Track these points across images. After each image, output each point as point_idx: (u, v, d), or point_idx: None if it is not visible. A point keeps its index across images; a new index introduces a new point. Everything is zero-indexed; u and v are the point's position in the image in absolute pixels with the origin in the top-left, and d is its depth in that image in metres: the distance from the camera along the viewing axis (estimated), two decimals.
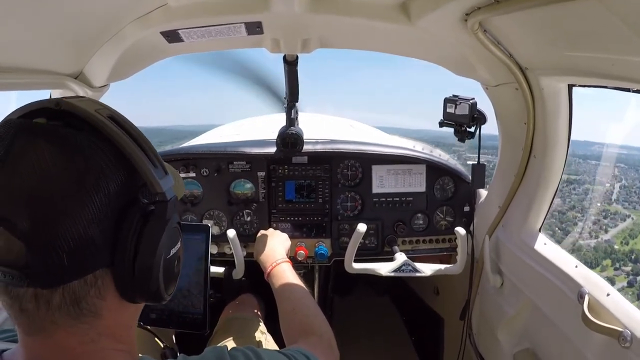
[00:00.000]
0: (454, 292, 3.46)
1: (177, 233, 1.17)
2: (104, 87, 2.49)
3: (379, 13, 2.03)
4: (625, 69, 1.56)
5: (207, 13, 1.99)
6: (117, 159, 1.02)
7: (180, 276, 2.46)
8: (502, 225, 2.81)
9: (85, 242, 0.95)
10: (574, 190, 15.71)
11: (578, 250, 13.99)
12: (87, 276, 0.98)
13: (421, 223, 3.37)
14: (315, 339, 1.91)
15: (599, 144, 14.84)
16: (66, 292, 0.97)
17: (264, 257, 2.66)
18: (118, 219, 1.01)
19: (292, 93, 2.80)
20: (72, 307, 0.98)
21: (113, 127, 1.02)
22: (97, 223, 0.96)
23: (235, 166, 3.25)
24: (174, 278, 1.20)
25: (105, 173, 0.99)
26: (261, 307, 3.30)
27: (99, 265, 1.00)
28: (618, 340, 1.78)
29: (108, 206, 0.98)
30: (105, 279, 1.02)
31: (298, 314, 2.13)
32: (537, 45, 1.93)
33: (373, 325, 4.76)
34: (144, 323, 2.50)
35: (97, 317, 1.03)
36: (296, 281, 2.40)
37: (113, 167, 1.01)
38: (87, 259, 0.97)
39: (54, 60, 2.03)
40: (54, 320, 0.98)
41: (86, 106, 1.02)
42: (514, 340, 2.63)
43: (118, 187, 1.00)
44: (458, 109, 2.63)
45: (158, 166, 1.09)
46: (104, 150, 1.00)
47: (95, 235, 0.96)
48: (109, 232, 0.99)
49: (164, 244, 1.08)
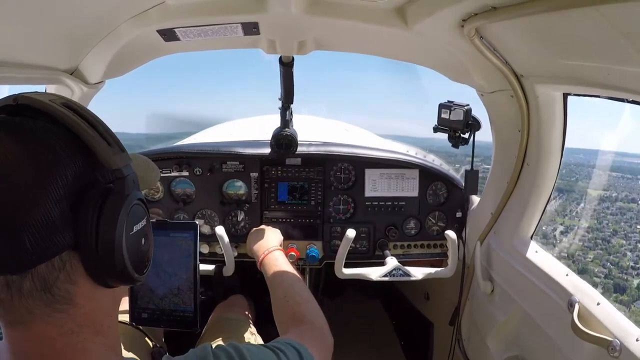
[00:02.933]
0: (444, 297, 3.46)
1: (139, 210, 1.16)
2: (100, 83, 2.48)
3: (376, 17, 2.04)
4: (620, 78, 1.57)
5: (204, 12, 1.99)
6: (72, 141, 1.04)
7: (169, 275, 2.45)
8: (494, 231, 2.81)
9: (46, 224, 0.96)
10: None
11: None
12: (54, 259, 1.00)
13: (413, 228, 3.38)
14: (306, 327, 1.89)
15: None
16: (35, 277, 0.98)
17: (257, 246, 2.67)
18: (78, 200, 1.01)
19: (287, 94, 2.79)
20: (44, 293, 1.00)
21: (65, 111, 1.05)
22: (57, 204, 0.97)
23: (229, 166, 3.24)
24: (144, 257, 1.20)
25: (61, 156, 1.01)
26: (251, 309, 3.29)
27: (64, 247, 1.00)
28: (607, 349, 1.78)
29: (67, 188, 0.99)
30: (73, 262, 1.03)
31: (289, 301, 2.12)
32: (533, 52, 1.93)
33: (362, 328, 4.76)
34: (136, 323, 2.49)
35: (73, 305, 1.04)
36: (288, 268, 2.40)
37: (69, 150, 1.02)
38: (50, 241, 0.97)
39: (49, 56, 2.02)
40: (29, 309, 1.00)
41: (41, 97, 1.05)
42: (504, 347, 2.64)
43: (76, 169, 1.02)
44: (452, 115, 2.63)
45: (114, 145, 1.10)
46: (58, 135, 1.03)
47: (56, 217, 0.97)
48: (70, 214, 1.00)
49: (123, 219, 1.07)
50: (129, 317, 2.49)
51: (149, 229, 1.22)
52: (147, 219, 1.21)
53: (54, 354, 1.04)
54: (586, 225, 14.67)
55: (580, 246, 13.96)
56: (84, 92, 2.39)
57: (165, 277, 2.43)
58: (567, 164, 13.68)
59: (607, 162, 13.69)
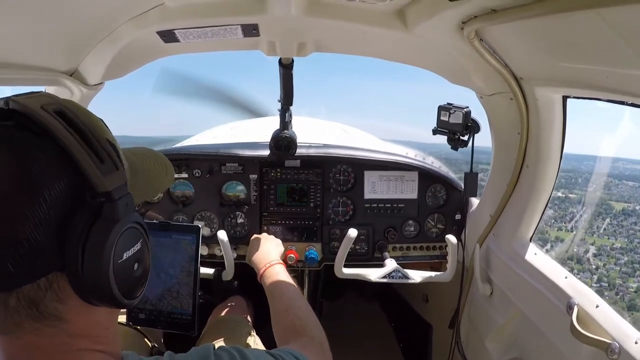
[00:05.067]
0: (444, 299, 3.45)
1: (134, 234, 1.08)
2: (99, 85, 2.48)
3: (376, 19, 2.04)
4: (619, 81, 1.57)
5: (204, 14, 1.99)
6: (61, 158, 0.96)
7: (169, 277, 2.46)
8: (493, 234, 2.81)
9: (30, 246, 0.90)
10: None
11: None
12: (40, 280, 0.95)
13: (412, 230, 3.38)
14: (307, 340, 1.90)
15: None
16: (20, 296, 0.94)
17: (258, 258, 2.66)
18: (64, 222, 0.95)
19: (286, 96, 2.79)
20: (31, 310, 0.95)
21: (54, 123, 0.96)
22: (41, 227, 0.91)
23: (228, 168, 3.24)
24: (136, 282, 1.11)
25: (45, 174, 0.93)
26: (250, 310, 3.29)
27: (50, 269, 0.95)
28: (606, 352, 1.78)
29: (52, 209, 0.93)
30: (61, 282, 0.98)
31: (290, 314, 2.12)
32: (532, 55, 1.93)
33: (361, 330, 4.75)
34: (132, 323, 2.49)
35: (63, 322, 1.00)
36: (289, 282, 2.39)
37: (55, 168, 0.95)
38: (34, 264, 0.93)
39: (49, 57, 2.02)
40: (17, 322, 0.96)
41: (33, 103, 0.97)
42: (503, 349, 2.63)
43: (62, 188, 0.95)
44: (452, 117, 2.63)
45: (107, 162, 1.01)
46: (45, 148, 0.95)
47: (40, 240, 0.91)
48: (56, 236, 0.94)
49: (110, 247, 1.00)
50: (126, 317, 2.49)
51: (143, 252, 1.13)
52: (143, 242, 1.12)
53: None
54: (618, 245, 14.24)
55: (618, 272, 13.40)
56: (84, 94, 2.39)
57: (166, 278, 2.43)
58: (582, 172, 13.24)
59: (624, 170, 13.40)
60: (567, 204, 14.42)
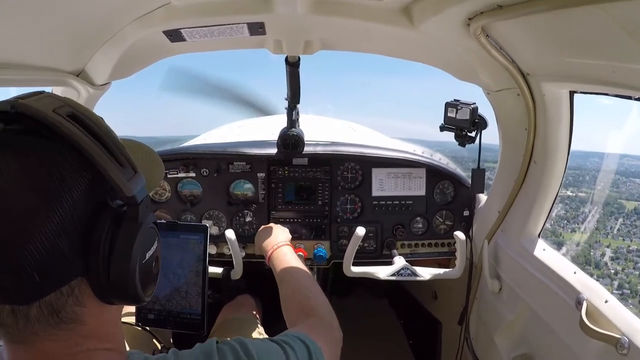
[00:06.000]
0: (452, 296, 3.45)
1: (152, 234, 1.11)
2: (106, 85, 2.49)
3: (382, 16, 2.03)
4: (626, 76, 1.56)
5: (210, 13, 1.99)
6: (79, 162, 0.96)
7: (178, 277, 2.46)
8: (502, 230, 2.81)
9: (54, 254, 0.91)
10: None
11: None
12: (63, 288, 0.96)
13: (420, 227, 3.37)
14: (315, 320, 1.88)
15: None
16: (43, 305, 0.94)
17: (265, 242, 2.67)
18: (87, 227, 0.96)
19: (293, 94, 2.79)
20: (51, 317, 0.96)
21: (72, 128, 0.95)
22: (64, 234, 0.92)
23: (236, 167, 3.25)
24: (153, 279, 1.16)
25: (66, 181, 0.93)
26: (259, 308, 3.29)
27: (72, 275, 0.97)
28: (616, 347, 1.77)
29: (74, 215, 0.93)
30: (82, 287, 0.99)
31: (298, 295, 2.12)
32: (539, 51, 1.93)
33: (370, 328, 4.75)
34: (142, 324, 2.50)
35: (80, 324, 1.02)
36: (297, 263, 2.39)
37: (75, 173, 0.95)
38: (59, 271, 0.94)
39: (55, 57, 2.03)
40: (34, 332, 0.96)
41: (43, 106, 0.95)
42: (512, 345, 2.63)
43: (83, 194, 0.95)
44: (459, 114, 2.62)
45: (126, 165, 1.02)
46: (63, 154, 0.95)
47: (64, 247, 0.92)
48: (79, 242, 0.95)
49: (138, 249, 1.03)
50: (135, 318, 2.50)
51: (159, 250, 1.17)
52: (158, 240, 1.16)
53: None
54: (635, 247, 13.95)
55: (638, 277, 13.11)
56: (90, 94, 2.40)
57: (174, 278, 2.44)
58: (589, 169, 13.00)
59: (629, 167, 13.14)
60: (577, 203, 14.17)
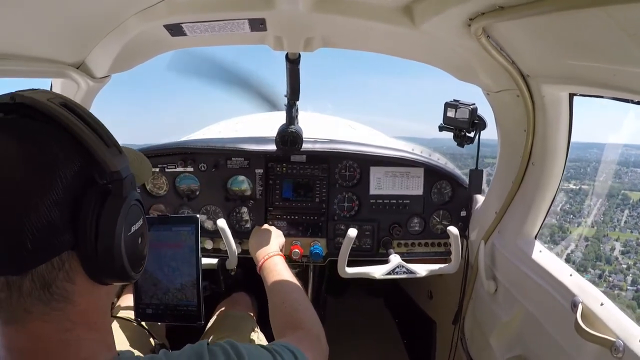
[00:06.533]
0: (448, 296, 3.46)
1: (136, 210, 1.19)
2: (106, 77, 2.49)
3: (383, 15, 2.03)
4: (626, 79, 1.57)
5: (211, 8, 1.99)
6: (70, 142, 1.06)
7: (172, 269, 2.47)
8: (498, 231, 2.81)
9: (46, 225, 0.98)
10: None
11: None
12: (54, 259, 1.02)
13: (417, 226, 3.38)
14: (303, 333, 1.90)
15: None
16: (35, 276, 1.01)
17: (258, 250, 2.69)
18: (76, 201, 1.04)
19: (293, 91, 2.78)
20: (43, 292, 1.02)
21: (64, 113, 1.06)
22: (56, 206, 0.99)
23: (234, 162, 3.25)
24: (140, 255, 1.23)
25: (59, 157, 1.03)
26: (254, 306, 3.30)
27: (63, 247, 1.03)
28: (610, 350, 1.78)
29: (66, 189, 1.01)
30: (72, 262, 1.06)
31: (287, 307, 2.13)
32: (539, 52, 1.93)
33: (365, 326, 4.76)
34: (140, 319, 2.50)
35: (70, 303, 1.07)
36: (287, 274, 2.40)
37: (67, 151, 1.05)
38: (50, 242, 1.00)
39: (56, 49, 2.03)
40: (26, 308, 1.02)
41: (39, 97, 1.06)
42: (506, 346, 2.63)
43: (74, 170, 1.04)
44: (458, 114, 2.63)
45: (111, 146, 1.12)
46: (56, 135, 1.05)
47: (55, 218, 0.99)
48: (69, 214, 1.03)
49: (122, 221, 1.10)
50: (134, 313, 2.50)
51: (145, 228, 1.25)
52: (144, 219, 1.24)
53: (48, 350, 1.07)
54: None
55: None
56: (90, 87, 2.39)
57: (169, 271, 2.44)
58: (590, 160, 12.77)
59: (629, 157, 12.93)
60: (582, 196, 14.04)
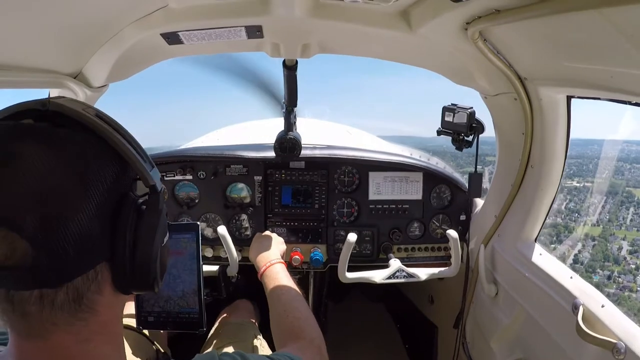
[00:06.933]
0: (449, 300, 3.45)
1: (166, 222, 1.21)
2: (103, 87, 2.49)
3: (380, 20, 2.03)
4: (623, 81, 1.57)
5: (208, 16, 1.99)
6: (110, 155, 1.05)
7: (173, 277, 2.46)
8: (498, 234, 2.81)
9: (87, 237, 0.96)
10: None
11: None
12: (89, 271, 1.01)
13: (417, 231, 3.37)
14: (304, 343, 1.90)
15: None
16: (70, 289, 0.99)
17: (259, 257, 2.67)
18: (115, 213, 1.03)
19: (290, 98, 2.78)
20: (75, 303, 1.00)
21: (103, 125, 1.04)
22: (97, 218, 0.98)
23: (232, 169, 3.24)
24: (166, 266, 1.25)
25: (101, 169, 1.01)
26: (256, 313, 3.29)
27: (99, 259, 1.02)
28: (612, 352, 1.77)
29: (106, 201, 1.01)
30: (104, 274, 1.05)
31: (289, 316, 2.13)
32: (536, 55, 1.93)
33: (367, 332, 4.75)
34: (142, 327, 2.49)
35: (94, 313, 1.05)
36: (289, 283, 2.39)
37: (107, 163, 1.03)
38: (89, 255, 0.99)
39: (53, 60, 2.02)
40: (54, 322, 1.00)
41: (73, 105, 1.04)
42: (508, 349, 2.63)
43: (113, 182, 1.03)
44: (456, 118, 2.63)
45: (147, 160, 1.12)
46: (96, 147, 1.03)
47: (95, 230, 0.98)
48: (108, 226, 1.02)
49: (160, 234, 1.12)
50: (136, 322, 2.49)
51: (168, 239, 1.26)
52: (168, 229, 1.24)
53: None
54: None
55: None
56: (88, 96, 2.39)
57: (170, 279, 2.43)
58: (591, 157, 12.60)
59: (629, 153, 12.76)
60: (585, 194, 13.88)
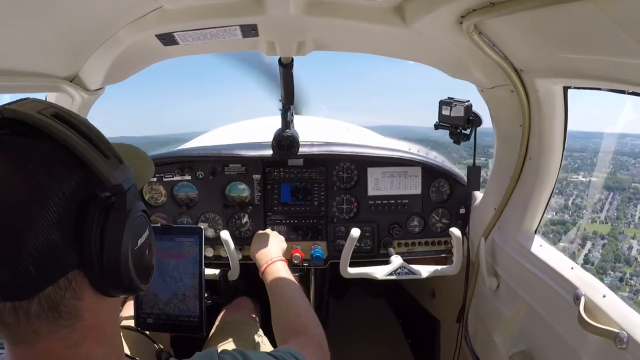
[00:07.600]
0: (450, 294, 3.45)
1: (142, 222, 1.14)
2: (100, 90, 2.48)
3: (374, 16, 2.03)
4: (619, 71, 1.57)
5: (203, 16, 1.99)
6: (67, 158, 1.00)
7: (175, 280, 2.46)
8: (498, 227, 2.81)
9: (49, 248, 0.93)
10: None
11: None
12: (60, 280, 0.97)
13: (417, 225, 3.38)
14: (306, 339, 1.90)
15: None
16: (42, 299, 0.96)
17: (260, 255, 2.66)
18: (78, 219, 0.99)
19: (287, 95, 2.78)
20: (51, 313, 0.98)
21: (57, 126, 0.98)
22: (57, 227, 0.95)
23: (231, 169, 3.24)
24: (148, 267, 1.18)
25: (56, 176, 0.97)
26: (257, 310, 3.29)
27: (68, 268, 0.98)
28: (614, 341, 1.78)
29: (66, 208, 0.96)
30: (78, 280, 1.01)
31: (290, 312, 2.13)
32: (532, 47, 1.93)
33: (369, 327, 4.76)
34: (141, 328, 2.49)
35: (78, 319, 1.03)
36: (290, 280, 2.40)
37: (64, 168, 0.99)
38: (55, 264, 0.96)
39: (49, 63, 2.02)
40: (35, 330, 0.98)
41: (28, 109, 0.99)
42: (510, 342, 2.63)
43: (73, 187, 0.98)
44: (453, 111, 2.63)
45: (111, 157, 1.05)
46: (51, 152, 0.98)
47: (57, 240, 0.95)
48: (72, 234, 0.98)
49: (128, 236, 1.05)
50: (134, 322, 2.49)
51: (151, 238, 1.20)
52: (150, 228, 1.19)
53: None
54: None
55: None
56: (84, 99, 2.39)
57: (171, 281, 2.43)
58: (595, 151, 12.38)
59: (633, 147, 12.55)
60: (593, 189, 13.69)
